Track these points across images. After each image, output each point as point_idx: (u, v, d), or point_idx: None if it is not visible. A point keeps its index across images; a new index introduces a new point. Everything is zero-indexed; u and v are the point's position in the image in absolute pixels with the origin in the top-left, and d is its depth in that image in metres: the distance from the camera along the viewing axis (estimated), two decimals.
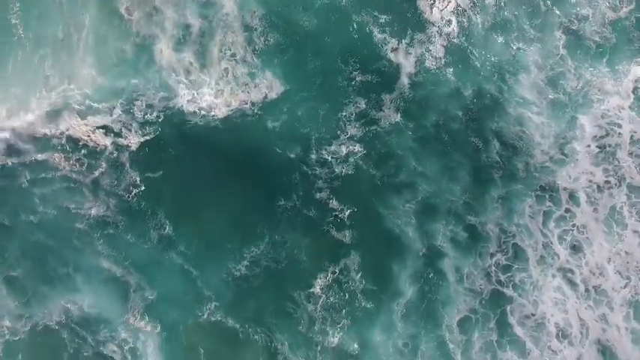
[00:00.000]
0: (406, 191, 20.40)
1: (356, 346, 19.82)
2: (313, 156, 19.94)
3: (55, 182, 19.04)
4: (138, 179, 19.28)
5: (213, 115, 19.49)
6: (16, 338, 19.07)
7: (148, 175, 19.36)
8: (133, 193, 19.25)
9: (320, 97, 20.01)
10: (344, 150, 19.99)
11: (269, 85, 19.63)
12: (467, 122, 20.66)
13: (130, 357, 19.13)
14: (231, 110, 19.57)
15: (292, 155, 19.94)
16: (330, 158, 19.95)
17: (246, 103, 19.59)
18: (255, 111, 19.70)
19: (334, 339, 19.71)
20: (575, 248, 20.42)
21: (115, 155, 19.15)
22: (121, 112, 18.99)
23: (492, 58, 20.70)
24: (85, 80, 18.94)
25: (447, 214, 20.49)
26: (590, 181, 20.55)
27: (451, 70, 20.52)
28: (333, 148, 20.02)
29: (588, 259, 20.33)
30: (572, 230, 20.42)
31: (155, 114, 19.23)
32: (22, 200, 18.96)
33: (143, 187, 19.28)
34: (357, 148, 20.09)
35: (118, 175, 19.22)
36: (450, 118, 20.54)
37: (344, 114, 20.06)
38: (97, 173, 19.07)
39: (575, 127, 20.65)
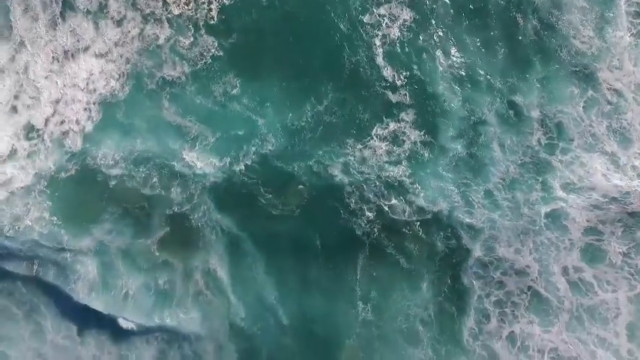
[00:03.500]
0: (451, 58, 20.64)
1: (408, 180, 20.70)
2: (366, 18, 20.48)
3: None
4: (214, 42, 19.95)
5: None
6: (65, 175, 19.95)
7: (221, 41, 20.00)
8: (206, 58, 19.93)
9: None
10: (395, 13, 20.37)
11: None
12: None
13: (192, 174, 20.22)
14: None
15: (348, 23, 20.49)
16: (381, 19, 20.38)
17: None
18: None
19: (387, 172, 20.67)
20: (625, 140, 20.57)
21: (191, 18, 19.85)
22: None
23: None
24: None
25: (490, 89, 20.74)
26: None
27: None
28: (384, 9, 20.41)
29: (637, 149, 20.55)
30: (622, 123, 20.53)
31: None
32: None
33: (220, 53, 19.94)
34: (406, 13, 20.43)
35: (193, 41, 19.86)
36: None
37: None
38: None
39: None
